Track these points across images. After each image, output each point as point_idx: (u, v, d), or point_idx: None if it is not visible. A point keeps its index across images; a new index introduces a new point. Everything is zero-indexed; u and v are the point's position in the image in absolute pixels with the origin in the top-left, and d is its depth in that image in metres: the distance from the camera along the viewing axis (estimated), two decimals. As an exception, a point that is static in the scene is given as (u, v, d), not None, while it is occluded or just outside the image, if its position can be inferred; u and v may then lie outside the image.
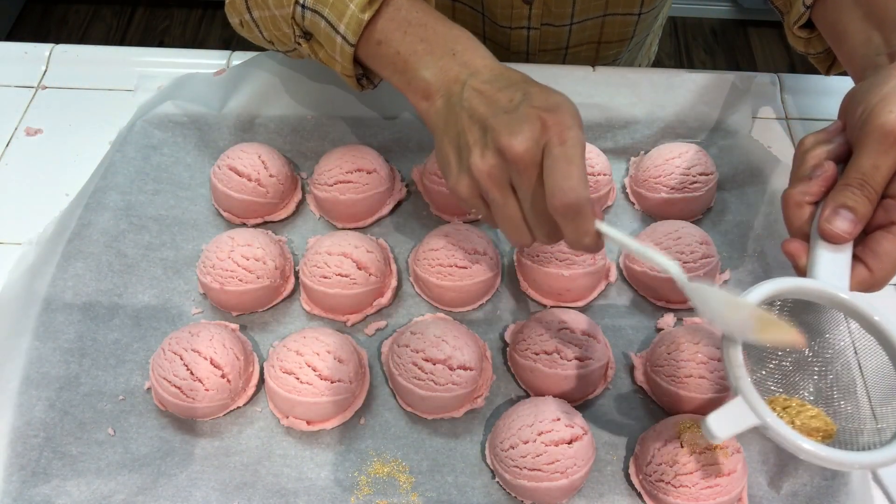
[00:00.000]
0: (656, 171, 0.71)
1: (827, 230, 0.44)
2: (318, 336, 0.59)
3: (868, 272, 0.44)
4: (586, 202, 0.45)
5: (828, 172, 0.46)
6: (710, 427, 0.40)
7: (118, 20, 2.25)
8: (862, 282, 0.44)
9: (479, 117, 0.49)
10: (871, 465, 0.39)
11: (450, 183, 0.52)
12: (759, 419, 0.40)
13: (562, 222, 0.46)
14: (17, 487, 0.55)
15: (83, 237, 0.67)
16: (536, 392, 0.61)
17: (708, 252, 0.65)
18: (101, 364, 0.62)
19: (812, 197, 0.46)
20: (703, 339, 0.59)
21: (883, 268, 0.44)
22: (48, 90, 0.81)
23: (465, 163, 0.50)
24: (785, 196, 0.47)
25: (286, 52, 0.68)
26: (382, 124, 0.76)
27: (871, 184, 0.44)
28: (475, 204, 0.51)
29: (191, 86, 0.77)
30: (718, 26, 2.24)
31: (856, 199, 0.44)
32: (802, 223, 0.46)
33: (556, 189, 0.45)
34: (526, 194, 0.48)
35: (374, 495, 0.57)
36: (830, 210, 0.44)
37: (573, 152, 0.45)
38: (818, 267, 0.44)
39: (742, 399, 0.40)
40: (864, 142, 0.44)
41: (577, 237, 0.47)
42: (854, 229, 0.44)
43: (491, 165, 0.48)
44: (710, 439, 0.40)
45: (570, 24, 0.81)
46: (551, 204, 0.45)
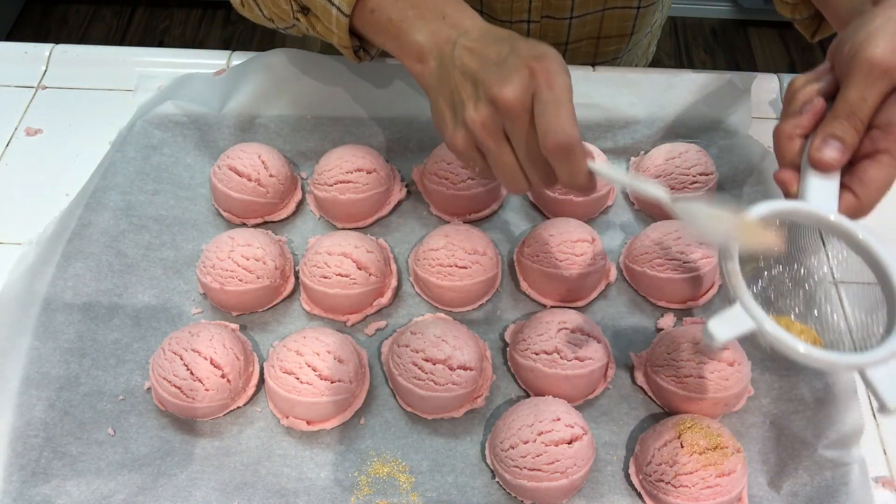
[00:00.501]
0: (656, 171, 0.71)
1: (817, 158, 0.46)
2: (318, 336, 0.59)
3: (855, 198, 0.47)
4: (577, 142, 0.47)
5: (817, 107, 0.48)
6: (711, 331, 0.42)
7: (118, 20, 2.25)
8: (849, 207, 0.47)
9: (471, 73, 0.51)
10: (859, 365, 0.42)
11: (446, 138, 0.54)
12: (757, 324, 0.42)
13: (555, 163, 0.49)
14: (17, 487, 0.55)
15: (83, 237, 0.67)
16: (536, 392, 0.61)
17: (708, 252, 0.65)
18: (101, 364, 0.62)
19: (802, 130, 0.49)
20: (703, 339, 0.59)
21: (869, 194, 0.47)
22: (48, 90, 0.81)
23: (459, 117, 0.52)
24: (777, 130, 0.50)
25: (285, 29, 0.70)
26: (382, 124, 0.76)
27: (858, 115, 0.46)
28: (471, 157, 0.53)
29: (191, 86, 0.77)
30: (718, 26, 2.24)
31: (844, 130, 0.46)
32: (793, 155, 0.49)
33: (548, 131, 0.47)
34: (520, 141, 0.50)
35: (374, 495, 0.57)
36: (820, 140, 0.47)
37: (562, 96, 0.47)
38: (809, 194, 0.47)
39: (740, 306, 0.42)
40: (851, 75, 0.46)
41: (570, 177, 0.49)
42: (842, 157, 0.46)
43: (484, 116, 0.50)
44: (710, 342, 0.42)
45: (570, 17, 0.81)
46: (544, 146, 0.47)
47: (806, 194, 0.47)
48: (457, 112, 0.52)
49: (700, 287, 0.66)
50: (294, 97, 0.77)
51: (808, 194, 0.47)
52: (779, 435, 0.60)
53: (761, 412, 0.61)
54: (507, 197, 0.74)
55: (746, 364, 0.60)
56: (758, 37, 2.19)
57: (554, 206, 0.71)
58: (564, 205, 0.70)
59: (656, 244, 0.66)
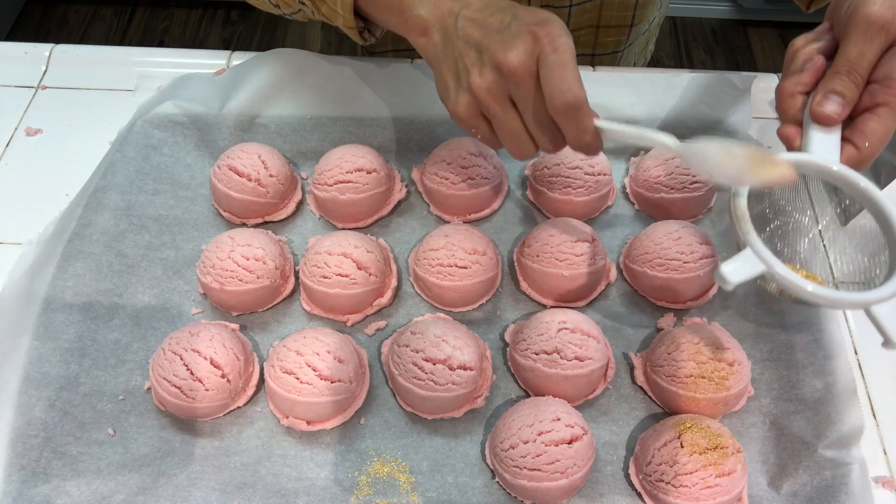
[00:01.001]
0: (656, 171, 0.71)
1: (819, 113, 0.48)
2: (318, 336, 0.59)
3: (856, 150, 0.48)
4: (584, 101, 0.49)
5: (817, 64, 0.50)
6: (724, 274, 0.43)
7: (118, 20, 2.25)
8: (850, 158, 0.48)
9: (475, 41, 0.52)
10: (864, 302, 0.44)
11: (449, 106, 0.55)
12: (767, 266, 0.44)
13: (562, 123, 0.50)
14: (17, 487, 0.55)
15: (83, 237, 0.67)
16: (536, 392, 0.61)
17: (708, 252, 0.65)
18: (101, 364, 0.62)
19: (804, 87, 0.50)
20: (703, 340, 0.59)
21: (869, 145, 0.48)
22: (48, 90, 0.81)
23: (464, 83, 0.53)
24: (779, 88, 0.51)
25: (290, 15, 0.71)
26: (382, 124, 0.76)
27: (858, 70, 0.48)
28: (475, 123, 0.55)
29: (191, 86, 0.77)
30: (718, 26, 2.24)
31: (844, 85, 0.48)
32: (796, 111, 0.51)
33: (556, 91, 0.48)
34: (526, 104, 0.51)
35: (374, 495, 0.57)
36: (821, 95, 0.49)
37: (566, 57, 0.49)
38: (811, 147, 0.49)
39: (751, 250, 0.44)
40: (850, 32, 0.48)
41: (577, 136, 0.51)
42: (843, 111, 0.48)
43: (490, 81, 0.51)
44: (723, 285, 0.44)
45: (570, 5, 0.81)
46: (552, 106, 0.49)
47: (809, 148, 0.49)
48: (461, 79, 0.53)
49: (700, 287, 0.66)
50: (294, 97, 0.77)
51: (810, 148, 0.48)
52: (779, 435, 0.60)
53: (761, 412, 0.61)
54: (508, 197, 0.74)
55: (746, 364, 0.60)
56: (758, 37, 2.19)
57: (554, 206, 0.71)
58: (564, 205, 0.70)
59: (656, 244, 0.66)
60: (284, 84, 0.77)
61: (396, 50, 0.88)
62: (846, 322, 0.67)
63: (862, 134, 0.48)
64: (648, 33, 0.96)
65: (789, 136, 0.50)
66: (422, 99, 0.77)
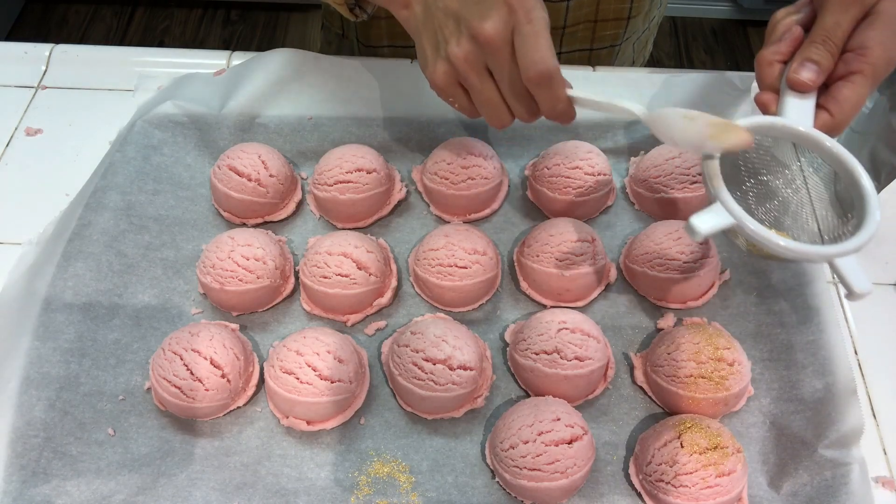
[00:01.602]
0: (656, 171, 0.71)
1: (794, 80, 0.51)
2: (318, 336, 0.59)
3: (830, 116, 0.51)
4: (556, 71, 0.51)
5: (795, 34, 0.53)
6: (693, 225, 0.45)
7: (118, 20, 2.25)
8: (825, 124, 0.50)
9: (452, 11, 0.54)
10: (830, 255, 0.46)
11: (428, 74, 0.57)
12: (736, 219, 0.46)
13: (536, 92, 0.52)
14: (17, 487, 0.55)
15: (83, 237, 0.67)
16: (536, 392, 0.61)
17: (708, 252, 0.65)
18: (101, 364, 0.62)
19: (782, 56, 0.53)
20: (703, 340, 0.59)
21: (842, 111, 0.51)
22: (48, 90, 0.81)
23: (442, 52, 0.55)
24: (758, 57, 0.54)
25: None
26: (382, 124, 0.76)
27: (833, 39, 0.51)
28: (453, 92, 0.57)
29: (191, 86, 0.77)
30: (718, 26, 2.24)
31: (820, 53, 0.51)
32: (773, 79, 0.53)
33: (529, 61, 0.50)
34: (502, 74, 0.53)
35: (374, 495, 0.57)
36: (798, 63, 0.51)
37: (540, 28, 0.50)
38: (787, 113, 0.51)
39: (720, 204, 0.46)
40: (827, 3, 0.50)
41: (551, 105, 0.53)
42: (818, 78, 0.51)
43: (467, 51, 0.53)
44: (693, 236, 0.45)
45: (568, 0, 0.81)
46: (526, 76, 0.51)
47: (784, 113, 0.51)
48: (440, 49, 0.55)
49: (700, 287, 0.66)
50: (294, 97, 0.77)
51: (786, 113, 0.51)
52: (779, 435, 0.60)
53: (761, 412, 0.61)
54: (508, 197, 0.74)
55: (746, 364, 0.60)
56: (758, 37, 2.19)
57: (554, 206, 0.71)
58: (564, 205, 0.70)
59: (656, 244, 0.66)
60: (284, 84, 0.77)
61: (392, 46, 0.88)
62: (846, 322, 0.67)
63: (835, 100, 0.51)
64: (647, 32, 0.96)
65: (766, 102, 0.53)
66: (422, 99, 0.77)
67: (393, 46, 0.88)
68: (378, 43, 0.89)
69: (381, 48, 0.89)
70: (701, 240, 0.46)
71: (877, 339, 0.66)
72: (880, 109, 0.70)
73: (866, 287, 0.45)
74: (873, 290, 0.46)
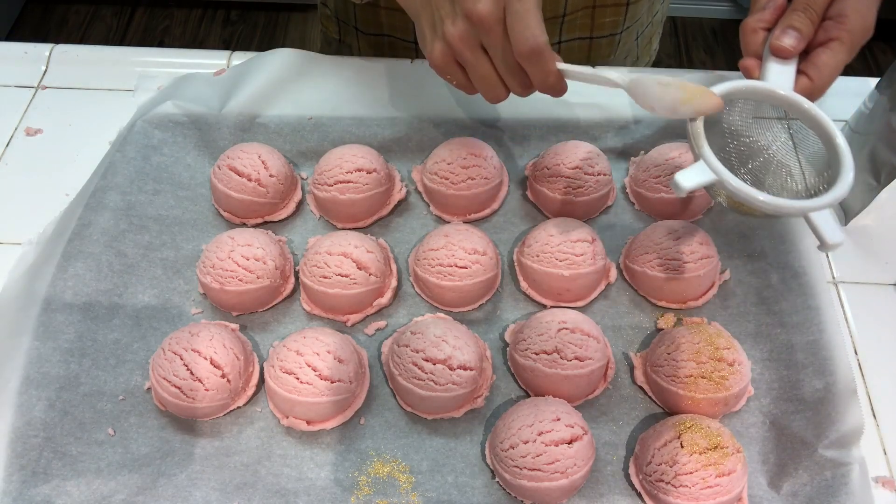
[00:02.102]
0: (656, 171, 0.71)
1: (777, 46, 0.54)
2: (318, 336, 0.59)
3: (809, 81, 0.54)
4: (546, 46, 0.53)
5: (778, 3, 0.56)
6: (678, 181, 0.48)
7: (118, 20, 2.25)
8: (804, 88, 0.54)
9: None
10: (805, 209, 0.49)
11: (426, 53, 0.59)
12: (718, 175, 0.49)
13: (528, 67, 0.55)
14: (17, 487, 0.55)
15: (83, 237, 0.67)
16: (536, 392, 0.61)
17: (708, 252, 0.65)
18: (101, 364, 0.62)
19: (765, 24, 0.56)
20: (703, 340, 0.59)
21: (821, 76, 0.54)
22: (48, 90, 0.81)
23: (439, 32, 0.57)
24: (743, 24, 0.57)
25: None
26: (382, 124, 0.76)
27: (814, 7, 0.54)
28: (451, 70, 0.59)
29: (191, 86, 0.77)
30: (718, 26, 2.24)
31: (801, 21, 0.54)
32: (757, 46, 0.56)
33: (520, 38, 0.52)
34: (496, 51, 0.55)
35: (374, 495, 0.57)
36: (780, 30, 0.54)
37: (530, 5, 0.52)
38: (769, 78, 0.54)
39: (703, 162, 0.50)
40: None
41: (542, 78, 0.55)
42: (799, 45, 0.54)
43: (461, 30, 0.55)
44: (677, 192, 0.49)
45: None
46: (517, 52, 0.53)
47: (766, 78, 0.54)
48: (436, 29, 0.57)
49: (700, 287, 0.66)
50: (294, 97, 0.77)
51: (768, 77, 0.54)
52: (779, 435, 0.60)
53: (761, 412, 0.61)
54: (508, 197, 0.74)
55: (746, 364, 0.60)
56: (758, 37, 2.19)
57: (554, 206, 0.71)
58: (564, 205, 0.70)
59: (656, 244, 0.66)
60: (284, 84, 0.77)
61: (392, 36, 0.87)
62: (846, 322, 0.67)
63: (815, 66, 0.54)
64: (651, 28, 0.96)
65: (749, 67, 0.56)
66: (422, 99, 0.77)
67: (392, 37, 0.88)
68: (377, 31, 0.88)
69: (381, 36, 0.89)
70: (684, 195, 0.50)
71: (877, 339, 0.66)
72: (880, 109, 0.70)
73: (838, 238, 0.49)
74: (842, 242, 0.49)
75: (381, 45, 0.89)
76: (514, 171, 0.76)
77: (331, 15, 0.94)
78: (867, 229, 0.72)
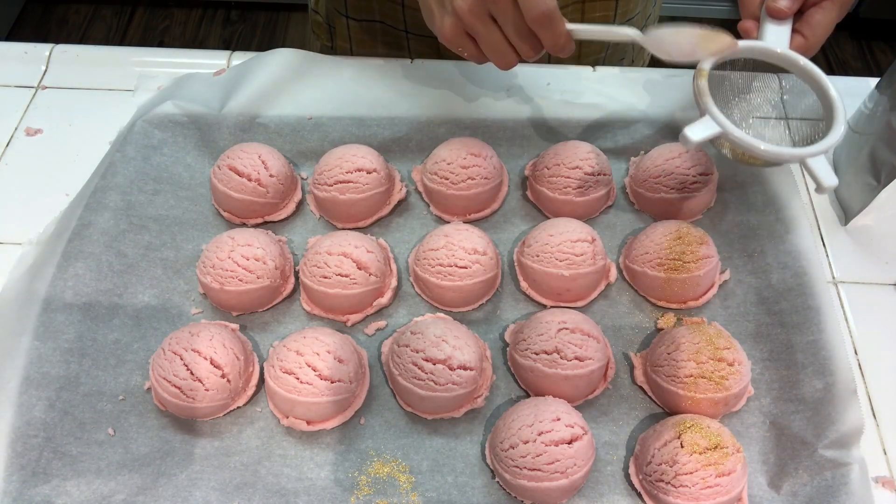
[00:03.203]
0: (656, 171, 0.71)
1: (773, 8, 0.58)
2: (318, 336, 0.59)
3: (803, 39, 0.58)
4: (556, 8, 0.56)
5: None
6: (686, 134, 0.53)
7: (118, 20, 2.25)
8: (799, 46, 0.58)
9: None
10: (803, 155, 0.54)
11: (436, 29, 0.61)
12: (723, 127, 0.54)
13: (539, 31, 0.57)
14: (17, 487, 0.55)
15: (83, 237, 0.67)
16: (536, 392, 0.61)
17: (708, 252, 0.65)
18: (101, 364, 0.62)
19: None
20: (703, 340, 0.59)
21: (815, 34, 0.58)
22: (48, 90, 0.81)
23: (448, 7, 0.59)
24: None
25: None
26: (382, 124, 0.76)
27: None
28: (461, 42, 0.61)
29: (191, 86, 0.77)
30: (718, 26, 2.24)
31: None
32: (754, 8, 0.60)
33: (530, 4, 0.55)
34: (505, 18, 0.57)
35: (374, 495, 0.57)
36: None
37: None
38: (766, 37, 0.59)
39: (709, 116, 0.54)
40: None
41: (553, 40, 0.58)
42: (793, 6, 0.57)
43: (470, 3, 0.57)
44: (686, 145, 0.53)
45: None
46: (529, 17, 0.56)
47: (764, 38, 0.59)
48: (445, 4, 0.59)
49: (700, 287, 0.66)
50: (294, 97, 0.77)
51: (765, 37, 0.59)
52: (779, 435, 0.60)
53: (761, 412, 0.61)
54: (508, 197, 0.74)
55: (746, 364, 0.60)
56: (758, 37, 2.19)
57: (554, 206, 0.71)
58: (564, 205, 0.70)
59: (656, 244, 0.66)
60: (284, 84, 0.77)
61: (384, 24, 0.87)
62: (846, 322, 0.67)
63: (809, 25, 0.58)
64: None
65: (748, 28, 0.60)
66: (422, 99, 0.77)
67: (384, 24, 0.87)
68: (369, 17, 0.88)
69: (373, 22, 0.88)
70: (693, 147, 0.55)
71: (877, 339, 0.66)
72: (880, 109, 0.70)
73: (833, 181, 0.53)
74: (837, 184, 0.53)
75: (373, 31, 0.89)
76: (514, 171, 0.76)
77: (322, 21, 0.94)
78: (867, 229, 0.72)
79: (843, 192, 0.74)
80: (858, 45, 2.24)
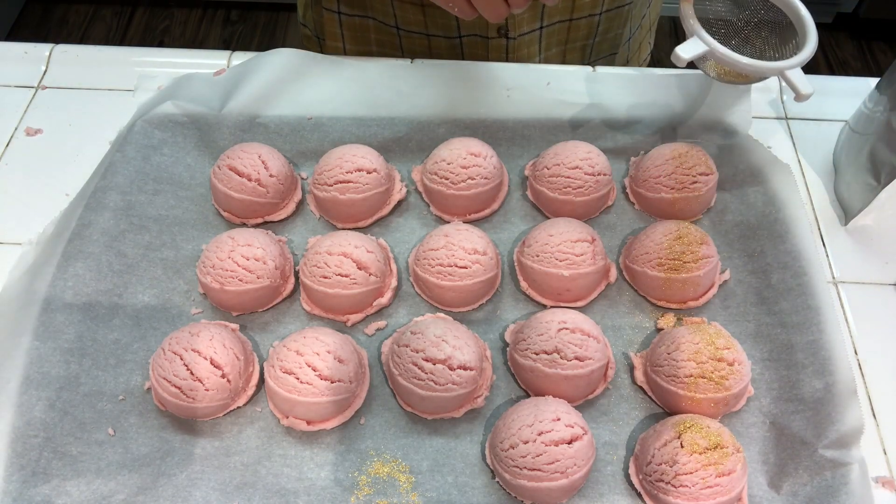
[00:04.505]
0: (656, 171, 0.71)
1: None
2: (319, 336, 0.59)
3: None
4: None
5: None
6: (678, 53, 0.61)
7: (118, 20, 2.25)
8: None
9: None
10: (782, 68, 0.62)
11: None
12: (709, 45, 0.62)
13: None
14: (17, 487, 0.55)
15: (83, 237, 0.67)
16: (536, 392, 0.61)
17: (708, 252, 0.65)
18: (101, 364, 0.62)
19: None
20: (703, 340, 0.59)
21: None
22: (48, 90, 0.81)
23: None
24: None
25: None
26: (382, 124, 0.76)
27: None
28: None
29: (191, 86, 0.77)
30: None
31: None
32: None
33: None
34: None
35: (374, 495, 0.57)
36: None
37: None
38: None
39: (696, 37, 0.63)
40: None
41: None
42: None
43: None
44: (677, 62, 0.61)
45: None
46: None
47: None
48: None
49: (700, 287, 0.66)
50: (294, 97, 0.77)
51: None
52: (779, 435, 0.60)
53: (761, 412, 0.61)
54: (508, 197, 0.74)
55: (746, 364, 0.60)
56: (758, 37, 2.19)
57: (554, 206, 0.71)
58: (564, 205, 0.70)
59: (656, 244, 0.66)
60: (284, 84, 0.77)
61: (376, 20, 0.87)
62: (846, 322, 0.67)
63: None
64: (640, 31, 0.95)
65: None
66: (422, 99, 0.77)
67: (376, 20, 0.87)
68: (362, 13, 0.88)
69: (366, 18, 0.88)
70: (684, 65, 0.62)
71: (877, 339, 0.66)
72: (880, 109, 0.70)
73: (810, 89, 0.61)
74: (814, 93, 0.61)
75: (365, 29, 0.88)
76: (514, 171, 0.76)
77: (311, 35, 0.93)
78: (867, 229, 0.72)
79: (843, 192, 0.74)
80: (858, 45, 2.24)
